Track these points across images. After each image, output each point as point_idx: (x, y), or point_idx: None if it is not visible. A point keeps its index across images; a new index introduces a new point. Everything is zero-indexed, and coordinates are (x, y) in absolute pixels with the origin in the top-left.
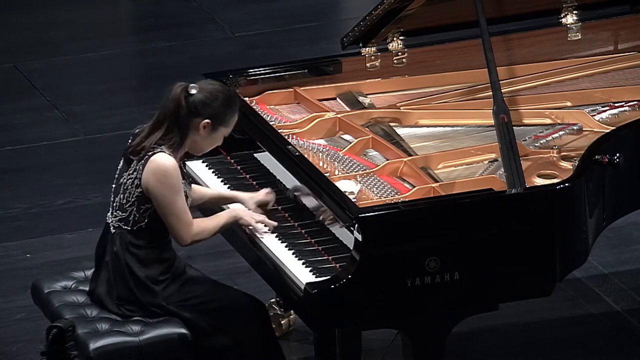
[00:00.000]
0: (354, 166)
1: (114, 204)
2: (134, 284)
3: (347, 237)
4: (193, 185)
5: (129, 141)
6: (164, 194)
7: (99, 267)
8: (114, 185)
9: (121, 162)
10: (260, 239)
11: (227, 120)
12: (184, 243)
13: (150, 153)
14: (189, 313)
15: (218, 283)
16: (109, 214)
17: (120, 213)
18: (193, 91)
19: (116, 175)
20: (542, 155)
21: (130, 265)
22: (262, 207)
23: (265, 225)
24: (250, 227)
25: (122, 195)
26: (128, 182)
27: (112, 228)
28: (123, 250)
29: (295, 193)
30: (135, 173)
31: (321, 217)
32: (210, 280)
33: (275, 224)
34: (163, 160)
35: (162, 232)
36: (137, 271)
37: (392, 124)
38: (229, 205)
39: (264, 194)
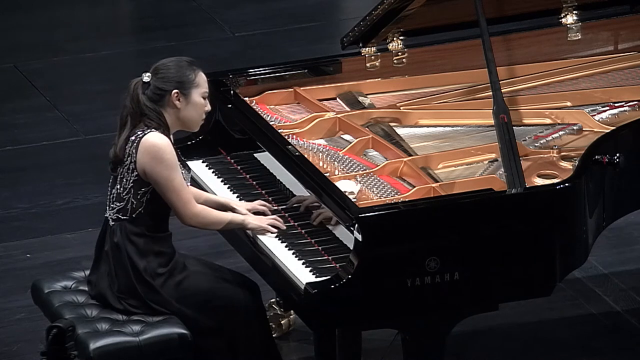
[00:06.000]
0: (354, 166)
1: (111, 196)
2: (134, 276)
3: (347, 237)
4: (192, 188)
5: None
6: (160, 171)
7: (98, 259)
8: (110, 181)
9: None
10: (261, 239)
11: (192, 80)
12: (186, 219)
13: (140, 135)
14: (188, 310)
15: (219, 278)
16: (107, 208)
17: (117, 204)
18: (146, 78)
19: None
20: (542, 155)
21: (131, 255)
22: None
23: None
24: (260, 229)
25: (118, 186)
26: (124, 170)
27: (110, 221)
28: (124, 240)
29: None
30: (129, 158)
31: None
32: (210, 275)
33: (284, 227)
34: (154, 138)
35: (161, 216)
36: (137, 261)
37: (392, 124)
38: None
39: (258, 204)
